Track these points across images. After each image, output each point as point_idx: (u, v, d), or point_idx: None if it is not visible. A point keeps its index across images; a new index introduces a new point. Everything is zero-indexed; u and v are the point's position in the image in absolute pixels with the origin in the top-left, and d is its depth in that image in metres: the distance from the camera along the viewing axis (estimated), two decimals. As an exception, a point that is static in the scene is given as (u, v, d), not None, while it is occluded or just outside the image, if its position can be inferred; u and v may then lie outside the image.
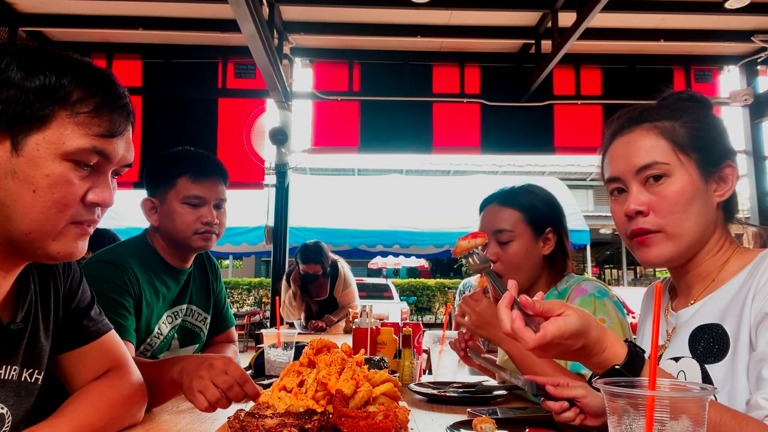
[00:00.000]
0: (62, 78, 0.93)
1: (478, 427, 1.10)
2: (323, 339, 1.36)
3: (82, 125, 0.94)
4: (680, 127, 1.14)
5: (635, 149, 1.15)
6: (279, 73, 3.80)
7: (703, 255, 1.15)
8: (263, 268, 24.41)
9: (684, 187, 1.10)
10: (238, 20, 2.88)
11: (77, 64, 0.96)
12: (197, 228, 1.86)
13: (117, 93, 0.99)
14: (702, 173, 1.12)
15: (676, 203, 1.10)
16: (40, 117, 0.91)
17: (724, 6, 3.70)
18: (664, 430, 0.73)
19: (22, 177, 0.91)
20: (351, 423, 1.05)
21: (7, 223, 0.93)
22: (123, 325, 1.65)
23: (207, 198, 1.88)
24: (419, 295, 19.59)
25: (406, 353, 2.00)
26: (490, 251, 1.79)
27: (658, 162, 1.12)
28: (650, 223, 1.12)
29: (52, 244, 0.96)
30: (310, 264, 4.48)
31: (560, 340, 0.92)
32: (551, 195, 1.89)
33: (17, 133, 0.91)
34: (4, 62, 0.92)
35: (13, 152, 0.91)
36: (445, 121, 4.49)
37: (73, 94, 0.94)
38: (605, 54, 4.48)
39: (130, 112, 1.02)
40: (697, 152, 1.12)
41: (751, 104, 4.46)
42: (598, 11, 3.09)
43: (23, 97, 0.90)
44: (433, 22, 4.07)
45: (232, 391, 1.25)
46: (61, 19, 3.95)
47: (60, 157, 0.93)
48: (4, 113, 0.90)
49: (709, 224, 1.13)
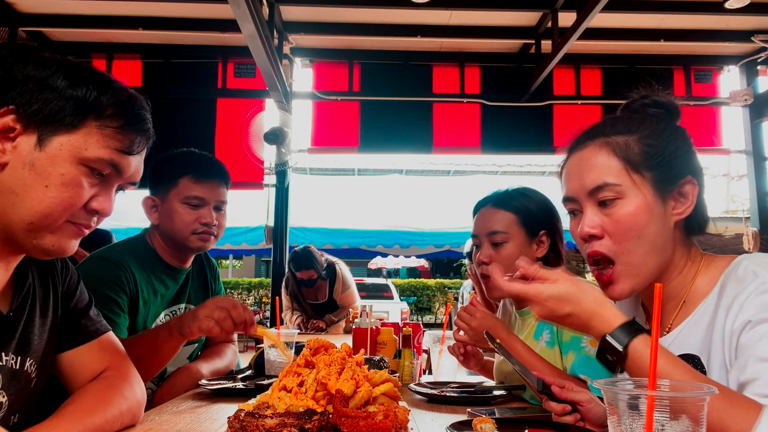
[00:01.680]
0: (102, 96, 1.03)
1: (478, 427, 1.10)
2: (320, 339, 1.36)
3: (106, 138, 1.03)
4: (635, 143, 1.08)
5: (587, 168, 1.09)
6: (279, 73, 3.80)
7: (668, 275, 1.10)
8: (263, 268, 24.41)
9: (637, 210, 1.05)
10: (238, 20, 2.88)
11: (116, 85, 1.07)
12: (195, 228, 1.87)
13: (143, 117, 1.10)
14: (658, 192, 1.06)
15: (630, 228, 1.05)
16: (71, 122, 1.01)
17: (724, 6, 3.71)
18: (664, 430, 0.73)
19: (39, 171, 0.99)
20: (351, 423, 1.05)
21: (10, 210, 0.99)
22: (115, 321, 1.66)
23: (207, 199, 1.89)
24: (419, 295, 19.60)
25: (406, 353, 2.00)
26: (484, 253, 1.80)
27: (609, 183, 1.06)
28: (605, 247, 1.07)
29: (48, 237, 1.02)
30: (303, 270, 4.50)
31: (540, 300, 1.00)
32: (545, 198, 1.90)
33: (45, 130, 1.00)
34: (51, 69, 1.02)
35: (37, 147, 0.99)
36: (445, 121, 4.49)
37: (107, 109, 1.04)
38: (605, 54, 4.49)
39: (150, 137, 1.13)
40: (651, 170, 1.06)
41: (751, 104, 4.46)
42: (598, 11, 3.09)
43: (61, 102, 1.00)
44: (433, 22, 4.07)
45: (235, 311, 1.49)
46: (61, 19, 3.95)
47: (78, 161, 1.01)
48: (39, 112, 0.99)
49: (666, 244, 1.07)
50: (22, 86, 1.00)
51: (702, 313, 1.05)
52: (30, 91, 0.99)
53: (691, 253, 1.12)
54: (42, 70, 1.01)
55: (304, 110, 4.65)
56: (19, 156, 0.98)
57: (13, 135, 0.99)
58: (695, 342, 1.05)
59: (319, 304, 4.76)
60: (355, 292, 4.84)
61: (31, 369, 1.12)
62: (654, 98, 1.16)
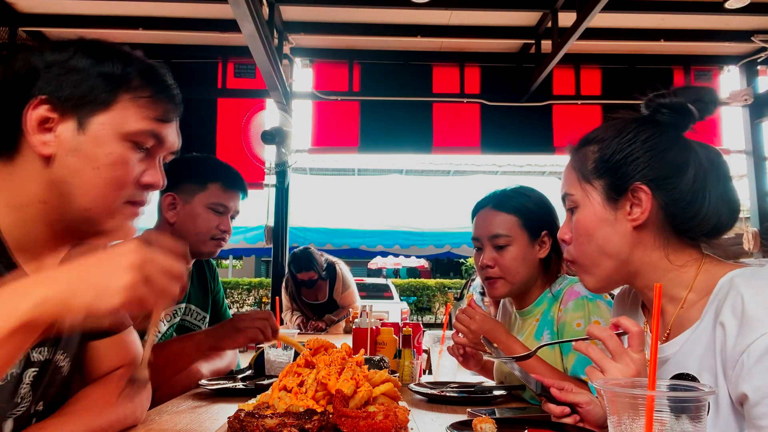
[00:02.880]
0: (127, 66, 1.02)
1: (478, 427, 1.10)
2: (320, 339, 1.36)
3: (142, 108, 1.02)
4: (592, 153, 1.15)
5: (563, 177, 1.21)
6: (279, 73, 3.80)
7: (647, 275, 1.11)
8: (263, 268, 24.41)
9: (585, 218, 1.13)
10: (238, 20, 2.88)
11: (136, 55, 1.06)
12: (215, 234, 1.93)
13: (169, 84, 1.09)
14: (607, 200, 1.12)
15: (580, 234, 1.14)
16: (105, 100, 0.99)
17: (724, 6, 3.70)
18: (664, 430, 0.73)
19: (86, 154, 0.97)
20: (351, 423, 1.05)
21: (66, 200, 0.98)
22: None
23: (230, 208, 1.97)
24: (419, 295, 19.60)
25: (406, 353, 2.00)
26: (487, 256, 1.79)
27: (568, 194, 1.16)
28: (567, 252, 1.18)
29: (109, 221, 1.02)
30: (303, 272, 4.52)
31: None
32: (544, 197, 1.89)
33: (83, 113, 0.98)
34: (70, 51, 0.99)
35: (79, 131, 0.98)
36: (445, 121, 4.49)
37: (135, 80, 1.02)
38: (605, 54, 4.48)
39: (179, 102, 1.11)
40: (601, 179, 1.13)
41: (751, 104, 4.46)
42: (598, 11, 3.09)
43: (90, 81, 0.98)
44: (433, 22, 4.07)
45: (271, 319, 1.68)
46: (61, 19, 3.95)
47: (122, 138, 1.00)
48: (72, 96, 0.97)
49: (622, 248, 1.10)
50: (46, 74, 0.97)
51: (702, 332, 1.03)
52: (56, 77, 0.97)
53: (682, 255, 1.10)
54: (61, 54, 0.99)
55: (304, 110, 4.65)
56: (63, 144, 0.97)
57: (51, 125, 0.97)
58: (694, 362, 1.04)
59: (319, 304, 4.76)
60: (355, 291, 4.85)
61: (65, 362, 1.12)
62: (659, 101, 1.13)
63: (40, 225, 1.00)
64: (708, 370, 1.01)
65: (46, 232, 1.01)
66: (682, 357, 1.06)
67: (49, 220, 1.00)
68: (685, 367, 1.05)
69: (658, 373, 1.08)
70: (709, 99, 1.12)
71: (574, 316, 1.67)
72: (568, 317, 1.68)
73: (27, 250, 1.00)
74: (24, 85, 0.97)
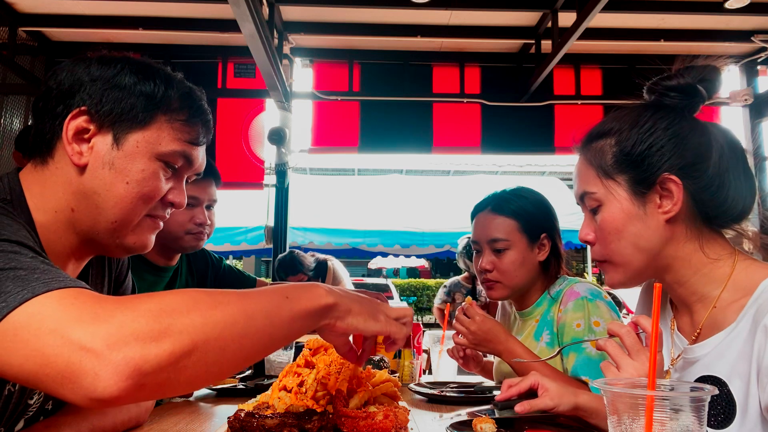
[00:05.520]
0: (169, 89, 1.05)
1: (478, 427, 1.10)
2: (320, 339, 1.36)
3: (176, 131, 1.05)
4: (609, 147, 1.11)
5: (576, 176, 1.16)
6: (279, 73, 3.80)
7: (679, 271, 1.07)
8: (263, 268, 24.39)
9: (612, 215, 1.08)
10: (238, 20, 2.88)
11: (178, 78, 1.10)
12: (190, 228, 1.88)
13: (205, 108, 1.12)
14: (634, 194, 1.07)
15: (609, 232, 1.08)
16: (143, 119, 1.02)
17: (724, 6, 3.70)
18: (664, 430, 0.73)
19: (119, 169, 1.00)
20: (351, 423, 1.05)
21: (95, 211, 1.01)
22: None
23: (201, 199, 1.91)
24: (419, 295, 19.59)
25: (406, 353, 2.00)
26: (486, 260, 1.79)
27: (588, 192, 1.11)
28: (595, 252, 1.13)
29: (130, 235, 1.05)
30: (291, 276, 4.51)
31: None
32: (543, 199, 1.89)
33: (120, 128, 1.01)
34: (116, 68, 1.02)
35: (114, 146, 1.00)
36: (445, 121, 4.49)
37: (174, 103, 1.05)
38: (605, 54, 4.48)
39: (210, 128, 1.14)
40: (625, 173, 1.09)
41: (751, 104, 4.46)
42: (598, 11, 3.08)
43: (131, 99, 1.01)
44: (433, 22, 4.07)
45: None
46: (61, 19, 3.95)
47: (155, 157, 1.03)
48: (111, 111, 1.00)
49: (654, 243, 1.06)
50: (91, 87, 1.00)
51: (736, 337, 0.99)
52: (100, 91, 1.00)
53: (716, 245, 1.07)
54: (108, 69, 1.02)
55: (304, 110, 4.65)
56: (97, 157, 0.99)
57: (88, 136, 1.00)
58: (725, 367, 1.00)
59: None
60: (347, 285, 4.84)
61: None
62: (665, 84, 1.11)
63: (68, 232, 1.02)
64: (740, 376, 0.97)
65: (74, 240, 1.03)
66: (713, 360, 1.02)
67: (77, 228, 1.02)
68: (715, 370, 1.01)
69: (685, 374, 1.07)
70: (715, 77, 1.11)
71: (573, 317, 1.67)
72: (568, 318, 1.68)
73: (54, 255, 1.01)
74: (67, 95, 1.00)
